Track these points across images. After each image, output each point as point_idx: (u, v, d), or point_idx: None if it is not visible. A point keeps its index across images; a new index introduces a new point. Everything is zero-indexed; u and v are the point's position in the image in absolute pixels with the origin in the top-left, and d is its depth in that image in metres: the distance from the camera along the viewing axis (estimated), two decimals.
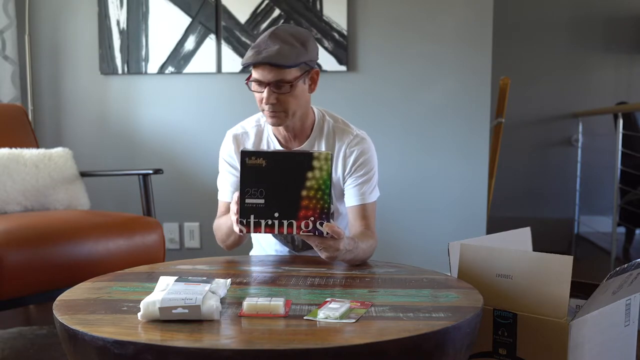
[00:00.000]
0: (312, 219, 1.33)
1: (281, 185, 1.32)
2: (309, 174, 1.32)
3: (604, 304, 1.38)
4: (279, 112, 1.61)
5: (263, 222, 1.32)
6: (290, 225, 1.33)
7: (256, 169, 1.31)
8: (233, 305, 1.19)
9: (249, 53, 1.56)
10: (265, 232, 1.35)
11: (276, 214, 1.32)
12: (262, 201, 1.31)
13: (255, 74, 1.58)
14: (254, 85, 1.61)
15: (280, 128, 1.70)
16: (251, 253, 1.96)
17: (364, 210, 1.71)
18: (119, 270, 1.52)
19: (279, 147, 1.74)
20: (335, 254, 1.42)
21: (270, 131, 1.76)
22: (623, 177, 3.63)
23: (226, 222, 1.65)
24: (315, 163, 1.33)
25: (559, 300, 1.30)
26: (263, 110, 1.64)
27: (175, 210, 3.26)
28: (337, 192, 1.77)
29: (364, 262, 1.60)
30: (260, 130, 1.77)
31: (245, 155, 1.31)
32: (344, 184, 1.74)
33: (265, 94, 1.58)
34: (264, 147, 1.77)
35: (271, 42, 1.55)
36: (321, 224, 1.34)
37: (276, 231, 1.34)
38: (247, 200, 1.31)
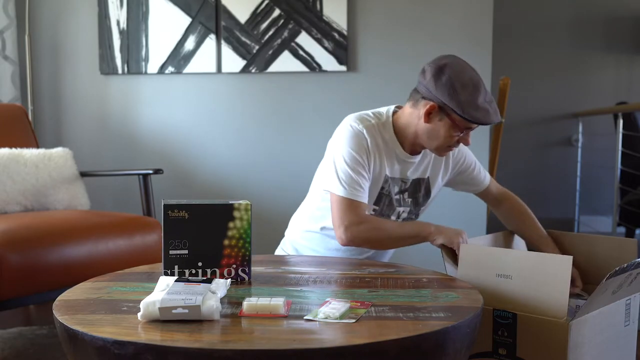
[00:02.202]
0: (234, 266, 1.39)
1: (204, 236, 1.36)
2: (230, 224, 1.37)
3: (604, 304, 1.38)
4: None
5: (187, 271, 1.36)
6: (213, 273, 1.38)
7: (179, 221, 1.35)
8: (233, 305, 1.19)
9: (485, 113, 1.62)
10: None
11: (199, 263, 1.37)
12: (185, 252, 1.36)
13: (474, 125, 1.67)
14: (463, 132, 1.69)
15: (409, 138, 1.76)
16: (276, 252, 1.96)
17: (492, 185, 1.99)
18: (119, 270, 1.52)
19: (402, 152, 1.76)
20: None
21: (393, 133, 1.76)
22: (623, 177, 3.63)
23: (413, 226, 1.71)
24: (236, 213, 1.37)
25: (558, 300, 1.30)
26: (449, 146, 1.72)
27: None
28: (434, 192, 1.89)
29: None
30: (382, 127, 1.76)
31: (167, 208, 1.34)
32: (448, 181, 1.92)
33: (469, 138, 1.72)
34: (389, 145, 1.75)
35: (492, 98, 1.68)
36: (243, 271, 1.39)
37: (200, 276, 1.37)
38: (171, 252, 1.35)
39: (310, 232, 1.85)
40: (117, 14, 3.25)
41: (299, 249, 1.88)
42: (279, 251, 1.96)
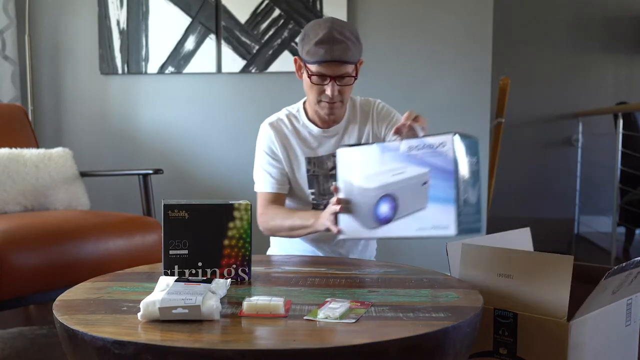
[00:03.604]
0: (234, 266, 1.39)
1: (204, 236, 1.36)
2: (230, 224, 1.37)
3: (604, 304, 1.38)
4: (337, 102, 1.73)
5: (187, 271, 1.36)
6: (213, 273, 1.38)
7: (179, 221, 1.35)
8: (233, 305, 1.19)
9: (320, 50, 1.63)
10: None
11: (200, 263, 1.36)
12: (185, 252, 1.35)
13: (322, 69, 1.66)
14: (315, 79, 1.68)
15: (319, 113, 1.78)
16: (268, 252, 1.97)
17: None
18: (119, 270, 1.52)
19: (316, 129, 1.81)
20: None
21: (304, 116, 1.83)
22: (623, 177, 3.63)
23: (301, 216, 1.72)
24: (236, 213, 1.37)
25: (559, 300, 1.30)
26: (319, 102, 1.73)
27: None
28: None
29: None
30: (294, 116, 1.85)
31: (167, 208, 1.34)
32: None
33: (330, 87, 1.68)
34: (300, 132, 1.82)
35: (337, 39, 1.63)
36: (243, 271, 1.39)
37: (200, 276, 1.37)
38: (171, 252, 1.35)
39: None
40: (117, 14, 3.25)
41: (283, 246, 1.93)
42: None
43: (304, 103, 1.87)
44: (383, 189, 1.36)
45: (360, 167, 1.41)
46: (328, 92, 1.69)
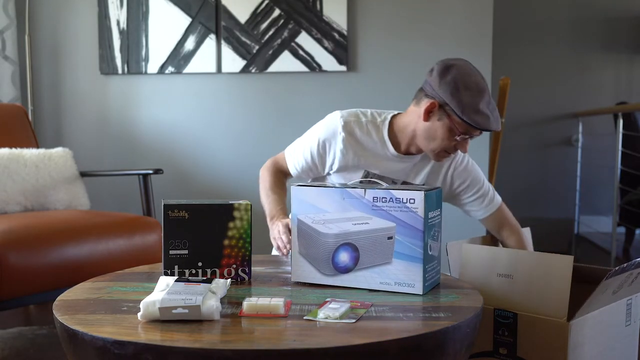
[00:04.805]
0: (235, 266, 1.39)
1: (204, 236, 1.36)
2: (230, 224, 1.37)
3: (604, 304, 1.38)
4: None
5: (187, 271, 1.36)
6: (213, 273, 1.38)
7: (179, 221, 1.35)
8: (233, 305, 1.19)
9: (481, 118, 1.58)
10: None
11: (200, 263, 1.37)
12: (185, 252, 1.36)
13: (474, 132, 1.64)
14: (461, 137, 1.65)
15: (406, 138, 1.74)
16: (273, 252, 1.96)
17: (501, 213, 1.87)
18: (119, 270, 1.52)
19: (392, 151, 1.75)
20: None
21: (386, 132, 1.76)
22: (623, 177, 3.63)
23: (270, 202, 1.81)
24: (236, 213, 1.37)
25: (559, 300, 1.30)
26: (445, 151, 1.69)
27: None
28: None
29: None
30: (375, 126, 1.77)
31: (167, 208, 1.35)
32: (451, 197, 1.86)
33: (467, 145, 1.68)
34: (376, 144, 1.76)
35: (493, 105, 1.64)
36: (243, 271, 1.40)
37: (200, 276, 1.37)
38: (171, 252, 1.35)
39: None
40: (117, 14, 3.25)
41: None
42: (274, 252, 1.96)
43: (392, 117, 1.78)
44: (343, 237, 1.31)
45: (317, 209, 1.34)
46: (464, 148, 1.68)
